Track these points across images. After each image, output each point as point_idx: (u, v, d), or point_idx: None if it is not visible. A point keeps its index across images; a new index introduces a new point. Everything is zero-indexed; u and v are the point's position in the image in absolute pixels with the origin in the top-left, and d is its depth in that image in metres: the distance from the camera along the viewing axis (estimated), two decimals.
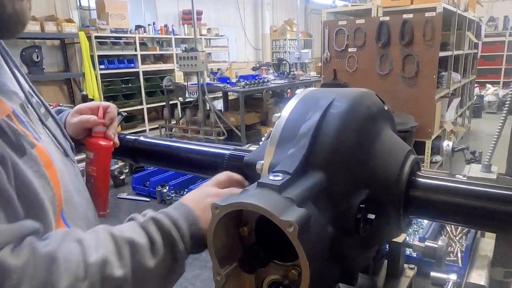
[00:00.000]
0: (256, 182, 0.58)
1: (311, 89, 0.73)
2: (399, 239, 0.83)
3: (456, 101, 4.74)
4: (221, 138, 5.66)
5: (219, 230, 0.56)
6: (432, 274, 1.07)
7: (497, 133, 1.03)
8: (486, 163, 1.00)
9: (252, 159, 0.71)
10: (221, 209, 0.53)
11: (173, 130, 6.46)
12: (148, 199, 1.55)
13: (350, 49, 4.46)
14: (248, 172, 0.73)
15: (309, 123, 0.63)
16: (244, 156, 0.77)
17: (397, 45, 4.16)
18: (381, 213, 0.62)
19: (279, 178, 0.55)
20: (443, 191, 0.63)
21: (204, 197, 0.65)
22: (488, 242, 1.15)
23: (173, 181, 1.76)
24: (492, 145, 1.03)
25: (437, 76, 4.25)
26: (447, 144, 1.38)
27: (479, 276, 0.99)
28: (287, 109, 0.69)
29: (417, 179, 0.65)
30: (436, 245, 0.85)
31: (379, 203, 0.63)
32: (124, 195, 3.20)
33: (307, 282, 0.50)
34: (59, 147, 0.73)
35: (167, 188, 1.70)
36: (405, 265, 0.93)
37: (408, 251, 1.03)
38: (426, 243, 0.86)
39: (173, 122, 6.55)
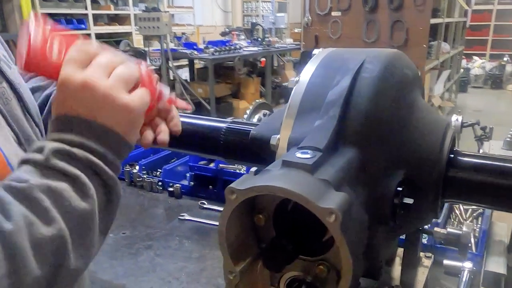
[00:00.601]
0: (278, 161, 0.53)
1: (333, 49, 0.67)
2: None
3: (445, 73, 4.82)
4: (188, 111, 5.53)
5: (231, 220, 0.50)
6: (446, 262, 1.06)
7: None
8: (508, 139, 0.98)
9: (262, 134, 0.65)
10: (239, 194, 0.47)
11: None
12: None
13: (333, 13, 4.40)
14: (255, 149, 0.67)
15: (337, 89, 0.57)
16: (248, 130, 0.71)
17: (385, 10, 4.14)
18: (418, 197, 0.58)
19: (309, 155, 0.49)
20: (489, 171, 0.60)
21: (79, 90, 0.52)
22: (501, 226, 1.16)
23: (143, 160, 1.67)
24: None
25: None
26: (456, 119, 1.37)
27: (497, 263, 1.00)
28: (306, 73, 0.63)
29: (457, 157, 0.61)
30: (460, 232, 0.83)
31: (416, 185, 0.59)
32: None
33: (348, 281, 0.45)
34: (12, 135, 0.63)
35: (137, 168, 1.61)
36: (421, 253, 0.91)
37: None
38: (448, 230, 0.84)
39: None
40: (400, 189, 0.56)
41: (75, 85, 0.51)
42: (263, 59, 7.19)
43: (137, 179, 1.55)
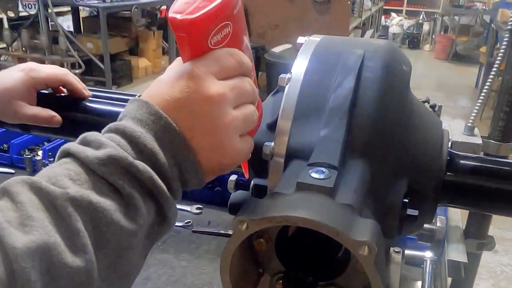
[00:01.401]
0: (286, 180, 0.52)
1: (322, 38, 0.66)
2: None
3: (369, 33, 5.08)
4: (77, 71, 5.18)
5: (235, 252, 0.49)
6: (407, 252, 1.15)
7: (485, 90, 1.11)
8: (469, 125, 1.07)
9: None
10: (252, 224, 0.46)
11: (2, 59, 5.70)
12: (12, 171, 1.31)
13: None
14: None
15: (341, 92, 0.57)
16: None
17: None
18: (418, 205, 0.62)
19: (324, 175, 0.49)
20: (487, 174, 0.65)
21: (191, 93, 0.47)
22: (455, 211, 1.28)
23: (48, 143, 1.55)
24: (480, 103, 1.11)
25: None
26: None
27: (457, 251, 1.10)
28: (298, 68, 0.62)
29: (455, 160, 0.65)
30: (435, 227, 0.91)
31: (417, 193, 0.62)
32: None
33: None
34: None
35: (40, 153, 1.48)
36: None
37: None
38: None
39: (2, 46, 5.76)
40: (406, 200, 0.59)
41: (202, 96, 0.46)
42: (164, 7, 6.85)
43: (42, 168, 1.44)
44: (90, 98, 0.83)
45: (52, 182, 0.40)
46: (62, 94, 0.82)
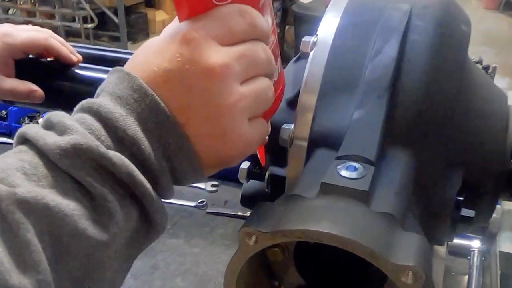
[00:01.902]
0: (306, 178, 0.44)
1: None
2: None
3: None
4: (89, 26, 5.13)
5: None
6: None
7: None
8: None
9: None
10: (262, 238, 0.38)
11: (10, 12, 5.68)
12: (11, 141, 1.26)
13: None
14: None
15: (380, 60, 0.48)
16: None
17: None
18: (476, 203, 0.53)
19: (357, 173, 0.41)
20: None
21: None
22: None
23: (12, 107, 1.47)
24: None
25: None
26: None
27: (511, 241, 1.01)
28: (327, 30, 0.52)
29: None
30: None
31: (475, 188, 0.53)
32: None
33: None
34: None
35: (41, 121, 1.43)
36: None
37: None
38: None
39: None
40: (461, 198, 0.50)
41: (199, 67, 0.38)
42: None
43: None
44: (80, 64, 0.75)
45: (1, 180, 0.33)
46: (47, 60, 0.75)
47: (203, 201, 1.17)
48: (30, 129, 0.37)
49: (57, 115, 0.37)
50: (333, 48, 0.51)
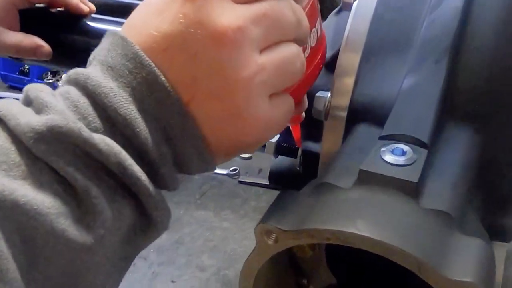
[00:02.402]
0: (340, 162, 0.38)
1: None
2: None
3: None
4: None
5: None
6: None
7: None
8: None
9: None
10: (283, 237, 0.34)
11: None
12: None
13: None
14: None
15: (440, 14, 0.42)
16: None
17: None
18: None
19: (406, 158, 0.35)
20: None
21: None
22: None
23: None
24: None
25: None
26: None
27: None
28: None
29: None
30: None
31: None
32: None
33: None
34: None
35: (65, 77, 1.42)
36: None
37: None
38: None
39: None
40: None
41: (207, 31, 0.33)
42: None
43: None
44: (92, 15, 0.71)
45: None
46: (56, 10, 0.71)
47: (235, 169, 1.13)
48: (4, 105, 0.32)
49: (35, 88, 0.32)
50: (380, 2, 0.45)
